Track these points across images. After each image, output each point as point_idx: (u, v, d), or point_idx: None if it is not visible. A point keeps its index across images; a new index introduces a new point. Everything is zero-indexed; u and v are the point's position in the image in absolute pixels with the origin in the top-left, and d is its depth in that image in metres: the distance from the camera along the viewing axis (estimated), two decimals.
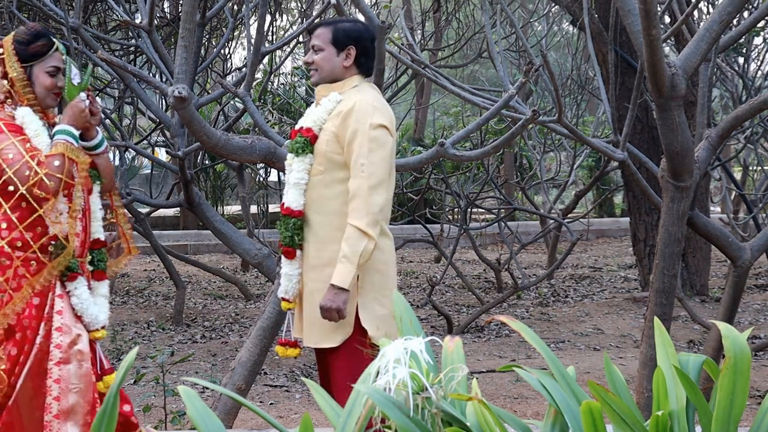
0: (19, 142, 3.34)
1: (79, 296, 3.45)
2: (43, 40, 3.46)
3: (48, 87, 3.45)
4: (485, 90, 6.82)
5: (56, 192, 3.33)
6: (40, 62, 3.45)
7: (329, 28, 3.60)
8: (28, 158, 3.31)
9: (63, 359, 3.36)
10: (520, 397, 5.70)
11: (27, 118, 3.42)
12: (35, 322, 3.36)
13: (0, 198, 3.35)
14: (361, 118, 3.45)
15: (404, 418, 2.05)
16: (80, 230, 3.48)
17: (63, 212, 3.40)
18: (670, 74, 3.78)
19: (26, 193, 3.30)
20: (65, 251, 3.38)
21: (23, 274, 3.35)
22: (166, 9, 9.95)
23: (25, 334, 3.35)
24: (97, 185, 3.62)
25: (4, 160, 3.32)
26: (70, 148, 3.37)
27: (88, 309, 3.46)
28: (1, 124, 3.38)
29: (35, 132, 3.41)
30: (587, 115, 16.42)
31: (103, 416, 2.19)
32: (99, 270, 3.62)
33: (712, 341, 4.44)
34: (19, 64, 3.43)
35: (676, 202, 4.02)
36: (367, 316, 3.48)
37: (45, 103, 3.48)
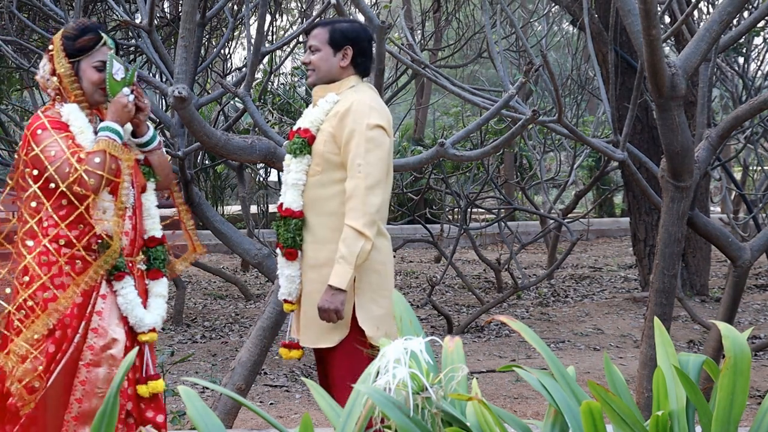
0: (62, 139, 3.28)
1: (125, 296, 3.36)
2: (90, 35, 3.39)
3: (95, 82, 3.38)
4: (485, 90, 6.83)
5: (96, 189, 3.25)
6: (87, 57, 3.38)
7: (326, 29, 3.60)
8: (69, 155, 3.24)
9: (93, 362, 3.29)
10: (520, 397, 5.70)
11: (72, 114, 3.36)
12: (76, 321, 3.29)
13: (42, 196, 3.29)
14: (358, 119, 3.45)
15: (404, 418, 2.05)
16: (129, 228, 3.41)
17: (107, 210, 3.31)
18: (670, 74, 3.78)
19: (66, 191, 3.24)
20: (109, 250, 3.30)
21: (68, 272, 3.28)
22: (166, 9, 9.94)
23: (65, 332, 3.29)
24: (152, 182, 3.54)
25: (47, 157, 3.26)
26: (112, 145, 3.30)
27: (133, 310, 3.37)
28: (46, 122, 3.32)
29: (80, 129, 3.34)
30: (587, 115, 16.41)
31: (103, 416, 2.19)
32: (155, 269, 3.52)
33: (712, 341, 4.44)
34: (66, 59, 3.37)
35: (676, 202, 4.02)
36: (365, 316, 3.48)
37: (93, 99, 3.41)
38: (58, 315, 3.26)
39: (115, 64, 3.36)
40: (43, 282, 3.27)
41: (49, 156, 3.26)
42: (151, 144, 3.51)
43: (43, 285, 3.27)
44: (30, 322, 3.26)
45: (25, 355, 3.25)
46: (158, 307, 3.47)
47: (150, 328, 3.42)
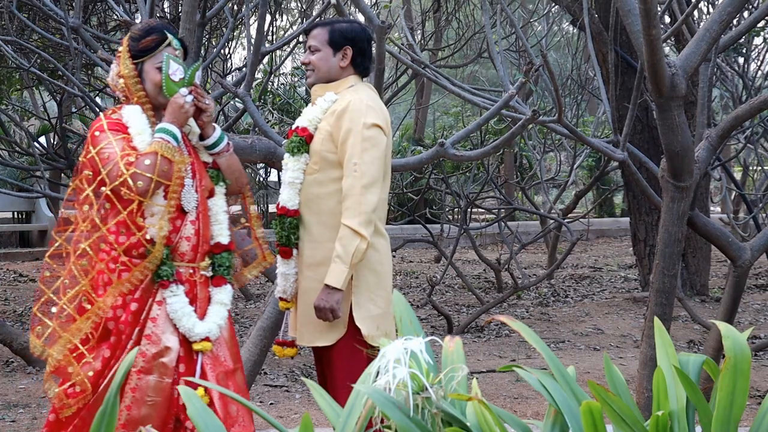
0: (118, 141, 3.21)
1: (171, 305, 3.25)
2: (154, 35, 3.32)
3: (157, 83, 3.30)
4: (485, 90, 6.82)
5: (144, 192, 3.16)
6: (150, 58, 3.31)
7: (325, 29, 3.60)
8: (119, 157, 3.18)
9: (144, 369, 3.20)
10: (520, 397, 5.70)
11: (132, 116, 3.29)
12: (130, 327, 3.21)
13: (94, 199, 3.22)
14: (355, 118, 3.45)
15: (404, 418, 2.05)
16: (192, 233, 3.31)
17: (156, 214, 3.23)
18: (670, 74, 3.78)
19: (110, 193, 3.18)
20: (150, 255, 3.21)
21: (109, 277, 3.20)
22: (166, 9, 9.94)
23: (120, 338, 3.21)
24: (221, 186, 3.43)
25: (101, 159, 3.20)
26: (165, 147, 3.21)
27: (181, 320, 3.25)
28: (105, 123, 3.26)
29: (138, 131, 3.26)
30: (587, 115, 16.42)
31: (103, 416, 2.19)
32: (219, 276, 3.41)
33: (712, 341, 4.44)
34: (130, 60, 3.31)
35: (676, 202, 4.02)
36: (361, 315, 3.49)
37: (156, 101, 3.33)
38: (96, 319, 3.19)
39: (173, 65, 3.28)
40: (85, 286, 3.21)
41: (104, 158, 3.20)
42: (219, 146, 3.41)
43: (84, 289, 3.21)
44: (68, 327, 3.21)
45: (66, 358, 3.20)
46: (217, 315, 3.35)
47: (202, 337, 3.29)
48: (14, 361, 6.70)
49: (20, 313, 8.80)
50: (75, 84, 6.79)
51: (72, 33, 5.97)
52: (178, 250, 3.30)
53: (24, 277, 11.29)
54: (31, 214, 14.64)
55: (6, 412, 5.52)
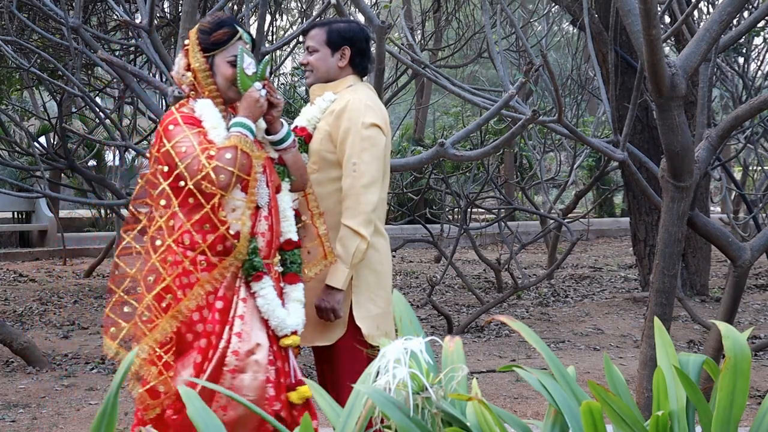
0: (194, 135, 3.15)
1: (264, 297, 3.19)
2: (226, 29, 3.27)
3: (228, 77, 3.25)
4: (485, 90, 6.83)
5: (226, 186, 3.10)
6: (221, 51, 3.25)
7: (323, 29, 3.60)
8: (199, 151, 3.11)
9: (238, 368, 3.12)
10: (520, 397, 5.70)
11: (205, 110, 3.23)
12: (219, 326, 3.13)
13: (171, 194, 3.14)
14: (354, 117, 3.45)
15: (404, 418, 2.05)
16: (266, 229, 3.25)
17: (237, 209, 3.16)
18: (670, 74, 3.78)
19: (193, 188, 3.10)
20: (235, 251, 3.15)
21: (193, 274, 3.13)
22: (166, 9, 9.95)
23: (210, 340, 3.12)
24: (287, 183, 3.37)
25: (177, 153, 3.12)
26: (244, 141, 3.15)
27: (274, 311, 3.19)
28: (179, 117, 3.20)
29: (212, 125, 3.20)
30: (587, 115, 16.42)
31: (103, 416, 2.19)
32: (292, 273, 3.34)
33: (712, 341, 4.44)
34: (201, 53, 3.25)
35: (676, 202, 4.02)
36: (362, 315, 3.49)
37: (227, 95, 3.28)
38: (182, 317, 3.11)
39: (246, 59, 3.23)
40: (167, 284, 3.12)
41: (180, 152, 3.12)
42: (286, 142, 3.35)
43: (167, 287, 3.13)
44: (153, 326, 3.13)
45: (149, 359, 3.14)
46: (297, 312, 3.29)
47: (292, 330, 3.25)
48: (14, 361, 6.70)
49: (20, 313, 8.80)
50: (75, 84, 6.79)
51: (72, 33, 5.97)
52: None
53: (24, 277, 11.29)
54: (31, 214, 14.65)
55: (6, 412, 5.52)
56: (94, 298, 9.74)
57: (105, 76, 11.13)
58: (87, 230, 15.16)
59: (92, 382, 6.24)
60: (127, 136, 8.33)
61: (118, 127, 8.19)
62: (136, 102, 9.13)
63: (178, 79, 3.33)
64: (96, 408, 5.53)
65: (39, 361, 6.60)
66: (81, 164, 9.52)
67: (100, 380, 6.30)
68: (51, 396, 5.90)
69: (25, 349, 6.59)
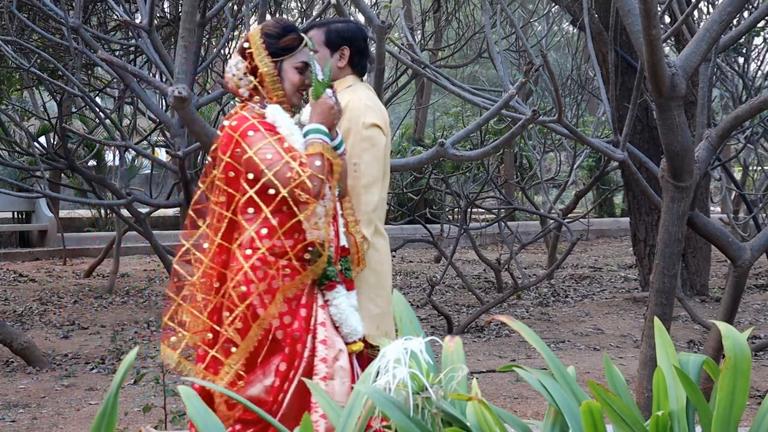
0: (276, 142, 3.07)
1: (338, 306, 3.16)
2: (293, 34, 3.21)
3: (296, 84, 3.20)
4: (485, 90, 6.83)
5: (317, 194, 3.05)
6: (290, 57, 3.19)
7: (322, 30, 3.60)
8: (289, 159, 3.03)
9: (329, 374, 3.08)
10: (520, 397, 5.70)
11: (279, 116, 3.16)
12: (304, 335, 3.09)
13: (261, 202, 3.07)
14: (354, 117, 3.45)
15: (404, 418, 2.05)
16: (333, 236, 3.21)
17: (321, 216, 3.12)
18: (670, 74, 3.78)
19: (287, 196, 3.02)
20: (321, 259, 3.11)
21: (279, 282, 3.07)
22: (166, 9, 9.95)
23: (294, 348, 3.07)
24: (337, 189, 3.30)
25: (262, 160, 3.04)
26: (327, 148, 3.10)
27: (347, 319, 3.16)
28: (256, 123, 3.11)
29: (289, 131, 3.14)
30: (587, 115, 16.42)
31: (103, 416, 2.19)
32: (349, 279, 3.31)
33: (712, 341, 4.44)
34: (269, 58, 3.18)
35: (676, 202, 4.02)
36: (362, 315, 3.48)
37: (291, 102, 3.22)
38: (266, 325, 3.05)
39: (317, 66, 3.21)
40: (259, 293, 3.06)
41: (265, 159, 3.03)
42: (339, 149, 3.28)
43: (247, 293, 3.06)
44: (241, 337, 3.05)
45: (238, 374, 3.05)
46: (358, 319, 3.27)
47: (360, 337, 3.23)
48: (14, 361, 6.70)
49: (20, 313, 8.80)
50: (75, 84, 6.79)
51: (72, 33, 5.97)
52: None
53: (24, 277, 11.29)
54: (31, 214, 14.65)
55: (6, 412, 5.52)
56: (94, 298, 9.75)
57: (105, 76, 11.13)
58: (87, 230, 15.17)
59: (92, 382, 6.24)
60: (127, 136, 8.33)
61: (118, 127, 8.19)
62: (136, 102, 9.13)
63: (234, 82, 3.23)
64: (96, 408, 5.53)
65: (39, 361, 6.60)
66: (81, 164, 9.52)
67: (100, 380, 6.30)
68: (51, 396, 5.91)
69: (25, 349, 6.59)
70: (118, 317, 8.64)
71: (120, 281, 10.82)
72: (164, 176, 13.24)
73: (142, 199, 7.72)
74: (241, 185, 3.09)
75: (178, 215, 16.13)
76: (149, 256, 12.93)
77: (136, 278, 11.35)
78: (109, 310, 9.06)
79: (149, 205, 8.06)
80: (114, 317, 8.66)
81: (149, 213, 10.47)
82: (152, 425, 5.00)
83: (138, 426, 5.06)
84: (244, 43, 3.23)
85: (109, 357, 6.96)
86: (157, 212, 13.16)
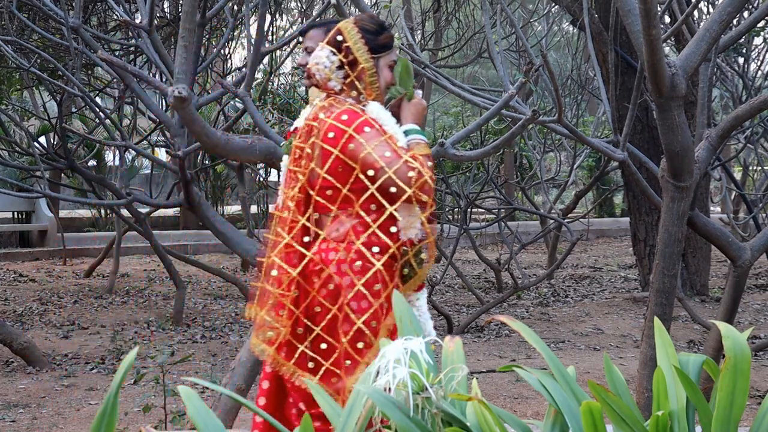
0: (390, 140, 3.02)
1: (419, 308, 3.14)
2: (388, 32, 3.18)
3: (388, 82, 3.17)
4: (485, 90, 6.82)
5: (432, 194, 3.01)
6: (386, 55, 3.15)
7: (322, 30, 3.59)
8: (409, 158, 2.98)
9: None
10: (520, 397, 5.70)
11: (381, 114, 3.11)
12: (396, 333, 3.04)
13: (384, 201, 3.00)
14: None
15: (404, 418, 2.05)
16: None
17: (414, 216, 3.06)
18: (670, 74, 3.78)
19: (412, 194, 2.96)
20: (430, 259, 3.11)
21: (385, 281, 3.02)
22: (166, 9, 9.95)
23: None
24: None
25: (381, 157, 2.97)
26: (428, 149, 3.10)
27: (426, 323, 3.13)
28: (370, 119, 3.04)
29: (394, 130, 3.09)
30: (587, 115, 16.42)
31: (103, 416, 2.19)
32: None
33: (712, 341, 4.44)
34: (369, 54, 3.13)
35: (676, 202, 4.02)
36: None
37: (381, 99, 3.19)
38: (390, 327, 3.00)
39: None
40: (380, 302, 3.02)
41: (384, 156, 2.97)
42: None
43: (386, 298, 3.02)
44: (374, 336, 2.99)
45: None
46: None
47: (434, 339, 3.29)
48: (14, 361, 6.70)
49: (20, 313, 8.80)
50: (75, 84, 6.79)
51: (72, 33, 5.97)
52: None
53: (24, 277, 11.29)
54: (31, 214, 14.65)
55: (6, 412, 5.52)
56: (94, 298, 9.75)
57: (105, 76, 11.13)
58: (87, 230, 15.17)
59: (92, 382, 6.24)
60: (127, 136, 8.33)
61: (118, 127, 8.19)
62: (136, 102, 9.13)
63: (325, 74, 3.15)
64: (96, 408, 5.53)
65: (39, 361, 6.60)
66: (81, 164, 9.51)
67: (100, 380, 6.30)
68: (51, 396, 5.90)
69: (25, 349, 6.59)
70: (118, 317, 8.64)
71: (120, 281, 10.82)
72: (164, 176, 13.24)
73: (142, 199, 7.72)
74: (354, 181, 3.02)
75: (178, 215, 16.17)
76: (149, 256, 12.93)
77: (136, 278, 11.35)
78: (109, 310, 9.06)
79: (149, 205, 8.05)
80: (114, 317, 8.66)
81: (149, 213, 10.47)
82: (152, 425, 5.00)
83: (138, 426, 5.06)
84: (337, 36, 3.16)
85: (109, 357, 6.96)
86: (157, 212, 13.18)
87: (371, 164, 2.98)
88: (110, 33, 9.61)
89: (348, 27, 3.16)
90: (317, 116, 3.10)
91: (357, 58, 3.12)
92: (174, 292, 8.84)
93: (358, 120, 3.03)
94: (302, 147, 3.12)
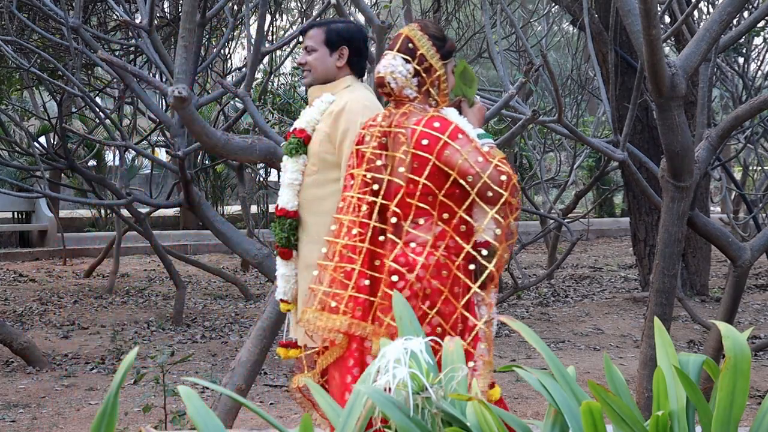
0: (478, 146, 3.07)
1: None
2: (449, 38, 3.21)
3: (452, 87, 3.22)
4: (485, 90, 6.82)
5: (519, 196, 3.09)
6: (451, 61, 3.20)
7: (322, 29, 3.60)
8: (498, 162, 3.03)
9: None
10: (520, 397, 5.70)
11: (461, 120, 3.16)
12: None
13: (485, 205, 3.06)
14: (352, 118, 3.45)
15: (404, 418, 2.05)
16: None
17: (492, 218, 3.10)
18: (670, 74, 3.78)
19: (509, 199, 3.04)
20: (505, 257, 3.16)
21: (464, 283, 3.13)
22: (166, 9, 9.95)
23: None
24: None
25: (476, 163, 3.03)
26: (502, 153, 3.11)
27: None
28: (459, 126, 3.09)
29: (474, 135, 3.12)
30: (587, 115, 16.42)
31: (103, 416, 2.19)
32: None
33: (712, 341, 4.44)
34: (441, 61, 3.17)
35: (676, 202, 4.02)
36: None
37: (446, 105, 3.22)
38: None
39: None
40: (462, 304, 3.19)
41: (478, 162, 3.03)
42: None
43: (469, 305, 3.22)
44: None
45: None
46: None
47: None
48: (14, 361, 6.70)
49: (20, 313, 8.80)
50: (75, 84, 6.79)
51: (72, 33, 5.97)
52: None
53: (24, 277, 11.29)
54: (31, 214, 14.65)
55: (6, 412, 5.52)
56: (94, 298, 9.75)
57: (105, 76, 11.14)
58: (87, 230, 15.17)
59: (92, 382, 6.24)
60: (127, 136, 8.33)
61: (118, 127, 8.19)
62: (136, 102, 9.13)
63: (402, 82, 3.17)
64: (96, 408, 5.54)
65: (39, 361, 6.60)
66: (81, 164, 9.52)
67: (100, 380, 6.30)
68: (51, 396, 5.91)
69: (25, 349, 6.59)
70: (118, 317, 8.64)
71: (120, 281, 10.82)
72: (164, 176, 13.24)
73: (142, 199, 7.72)
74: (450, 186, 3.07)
75: (178, 215, 16.17)
76: (149, 256, 12.93)
77: (136, 278, 11.35)
78: (109, 310, 9.06)
79: (149, 205, 8.05)
80: (114, 317, 8.66)
81: (149, 213, 10.46)
82: (152, 425, 5.00)
83: (138, 426, 5.06)
84: (408, 43, 3.17)
85: (109, 357, 6.96)
86: (157, 212, 13.18)
87: (467, 170, 3.04)
88: (110, 33, 9.61)
89: (417, 34, 3.17)
90: (400, 123, 3.13)
91: (432, 65, 3.15)
92: (174, 292, 8.84)
93: (450, 127, 3.08)
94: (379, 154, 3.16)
